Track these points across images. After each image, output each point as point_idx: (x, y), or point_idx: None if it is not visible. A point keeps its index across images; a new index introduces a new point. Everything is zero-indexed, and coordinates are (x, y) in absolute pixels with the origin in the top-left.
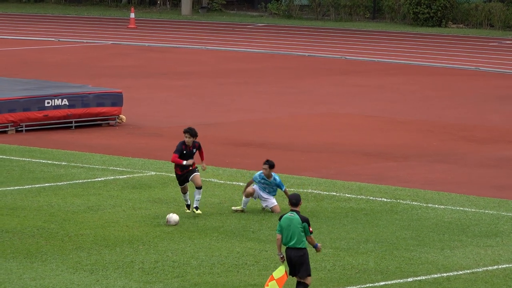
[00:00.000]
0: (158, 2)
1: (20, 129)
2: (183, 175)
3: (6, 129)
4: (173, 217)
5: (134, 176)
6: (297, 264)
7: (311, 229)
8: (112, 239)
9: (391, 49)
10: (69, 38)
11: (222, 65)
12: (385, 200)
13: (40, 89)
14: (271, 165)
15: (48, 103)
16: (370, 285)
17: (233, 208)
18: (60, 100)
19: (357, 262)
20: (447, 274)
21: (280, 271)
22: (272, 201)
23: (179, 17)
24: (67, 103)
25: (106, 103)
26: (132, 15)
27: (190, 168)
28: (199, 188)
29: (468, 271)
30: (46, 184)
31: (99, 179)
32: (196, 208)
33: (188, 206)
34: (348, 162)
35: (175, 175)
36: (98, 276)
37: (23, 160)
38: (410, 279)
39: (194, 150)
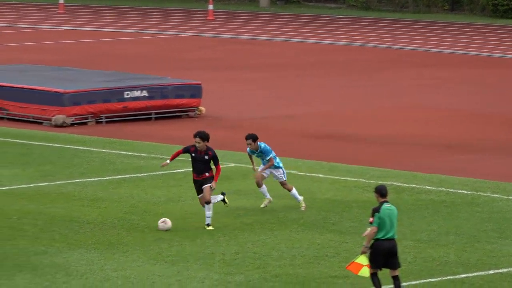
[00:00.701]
0: None
1: (100, 120)
2: (199, 182)
3: (86, 120)
4: (167, 222)
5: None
6: (393, 255)
7: None
8: (193, 230)
9: (471, 41)
10: (147, 29)
11: (301, 58)
12: (466, 192)
13: (119, 81)
14: (253, 139)
15: (127, 94)
16: (451, 277)
17: (261, 206)
18: (139, 91)
19: (438, 254)
20: None
21: (366, 259)
22: (279, 175)
23: (257, 9)
24: (147, 95)
25: (185, 94)
26: (211, 7)
27: (207, 174)
28: (207, 203)
29: None
30: (127, 176)
31: (179, 170)
32: (208, 225)
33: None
34: (428, 155)
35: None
36: (179, 267)
37: (104, 152)
38: (491, 272)
39: (206, 157)
